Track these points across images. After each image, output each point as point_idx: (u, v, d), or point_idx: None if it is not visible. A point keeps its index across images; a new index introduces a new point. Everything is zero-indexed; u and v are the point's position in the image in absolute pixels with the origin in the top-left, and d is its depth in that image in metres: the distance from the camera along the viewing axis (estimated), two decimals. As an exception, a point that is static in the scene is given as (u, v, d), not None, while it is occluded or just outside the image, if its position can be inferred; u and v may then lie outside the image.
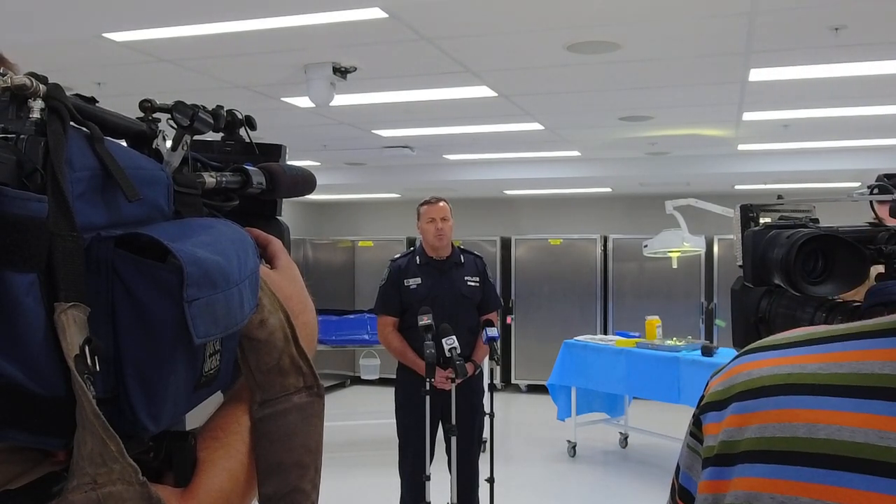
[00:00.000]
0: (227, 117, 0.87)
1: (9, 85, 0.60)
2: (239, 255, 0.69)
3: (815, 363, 0.50)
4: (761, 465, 0.49)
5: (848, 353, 0.49)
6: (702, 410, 0.56)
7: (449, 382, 4.02)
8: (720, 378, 0.56)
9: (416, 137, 7.06)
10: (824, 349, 0.51)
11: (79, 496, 0.56)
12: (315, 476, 0.77)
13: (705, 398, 0.57)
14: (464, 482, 4.20)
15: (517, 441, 7.49)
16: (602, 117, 6.12)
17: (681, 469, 0.58)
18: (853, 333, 0.51)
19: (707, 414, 0.55)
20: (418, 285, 4.24)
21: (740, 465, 0.50)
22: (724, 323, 7.24)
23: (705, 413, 0.55)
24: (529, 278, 10.11)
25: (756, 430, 0.50)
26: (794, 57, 4.32)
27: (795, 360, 0.51)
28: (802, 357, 0.51)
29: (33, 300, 0.54)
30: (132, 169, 0.65)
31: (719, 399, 0.54)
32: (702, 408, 0.56)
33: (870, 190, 1.45)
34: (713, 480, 0.53)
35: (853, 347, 0.49)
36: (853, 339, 0.50)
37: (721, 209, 5.46)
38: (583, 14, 3.65)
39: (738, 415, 0.52)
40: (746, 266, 1.41)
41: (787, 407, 0.49)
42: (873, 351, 0.48)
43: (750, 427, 0.51)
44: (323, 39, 3.99)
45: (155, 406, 0.61)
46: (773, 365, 0.52)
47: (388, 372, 5.33)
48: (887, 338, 0.48)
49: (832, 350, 0.51)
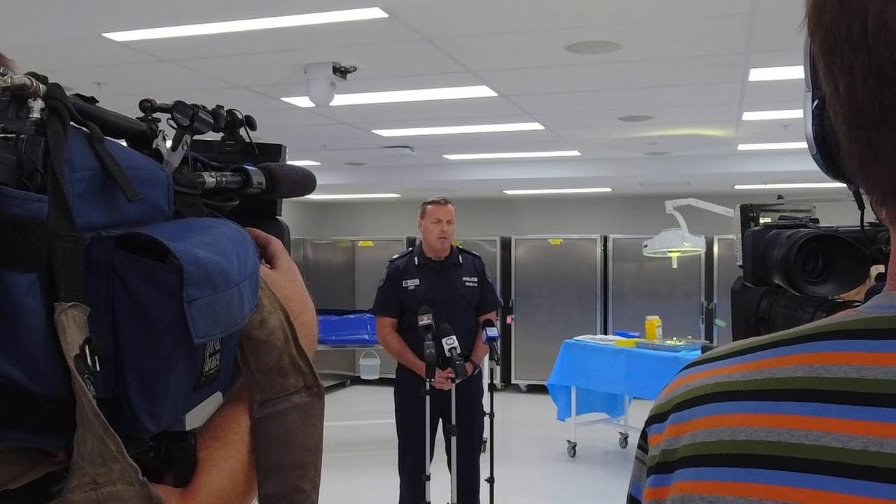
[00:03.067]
0: (227, 117, 0.87)
1: (9, 85, 0.60)
2: (239, 255, 0.69)
3: (739, 372, 0.54)
4: (693, 469, 0.53)
5: (768, 360, 0.53)
6: (647, 423, 0.60)
7: (449, 382, 4.02)
8: (664, 392, 0.60)
9: (416, 137, 7.06)
10: (750, 358, 0.55)
11: (79, 496, 0.56)
12: (315, 476, 0.77)
13: (650, 412, 0.61)
14: (464, 482, 4.20)
15: (517, 441, 7.49)
16: (602, 117, 6.12)
17: (631, 480, 0.63)
18: (776, 342, 0.54)
19: (651, 426, 0.59)
20: (416, 286, 4.25)
21: (678, 470, 0.54)
22: (724, 323, 7.24)
23: (650, 426, 0.60)
24: (529, 278, 10.11)
25: (690, 438, 0.54)
26: (794, 57, 4.30)
27: (724, 371, 0.55)
28: (731, 367, 0.55)
29: (33, 300, 0.54)
30: (132, 169, 0.65)
31: (661, 412, 0.59)
32: (647, 421, 0.60)
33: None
34: (655, 487, 0.56)
35: (773, 355, 0.53)
36: (774, 348, 0.54)
37: (721, 209, 5.47)
38: (583, 14, 3.65)
39: (676, 424, 0.56)
40: (746, 266, 1.41)
41: (714, 413, 0.53)
42: (788, 357, 0.52)
43: (685, 435, 0.55)
44: (323, 39, 3.99)
45: (155, 406, 0.61)
46: (706, 376, 0.56)
47: (388, 372, 5.32)
48: (800, 344, 0.53)
49: (756, 359, 0.54)
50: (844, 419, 0.47)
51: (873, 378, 0.47)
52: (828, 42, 0.49)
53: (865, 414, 0.47)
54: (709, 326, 9.28)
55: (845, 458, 0.46)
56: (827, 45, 0.50)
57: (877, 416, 0.46)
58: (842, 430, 0.47)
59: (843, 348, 0.50)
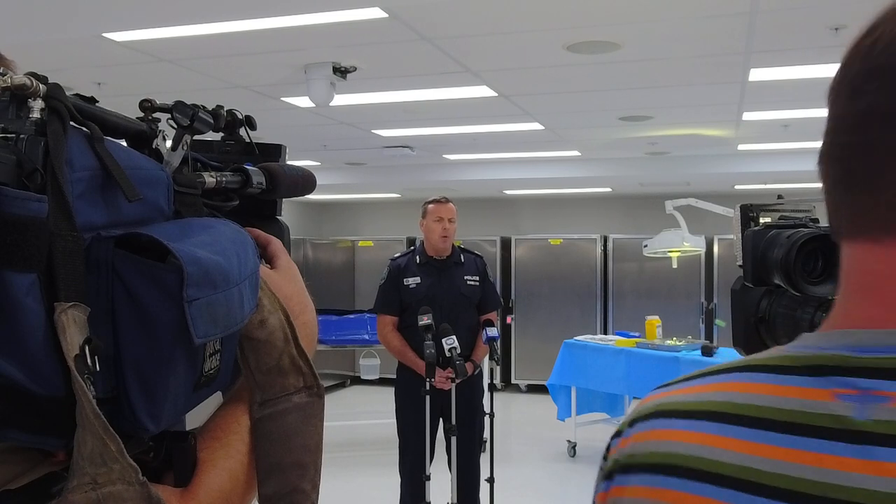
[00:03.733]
0: (227, 117, 0.87)
1: (9, 85, 0.60)
2: (239, 255, 0.69)
3: (680, 395, 0.62)
4: (631, 476, 0.62)
5: (703, 385, 0.62)
6: (613, 436, 0.67)
7: (449, 382, 4.02)
8: (636, 407, 0.68)
9: (416, 137, 7.06)
10: (694, 383, 0.63)
11: (79, 496, 0.56)
12: (315, 476, 0.77)
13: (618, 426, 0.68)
14: (464, 482, 4.20)
15: (517, 441, 7.49)
16: (602, 117, 6.12)
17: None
18: (719, 370, 0.62)
19: (614, 439, 0.66)
20: (418, 284, 4.25)
21: (617, 476, 0.63)
22: (724, 323, 7.24)
23: (613, 438, 0.67)
24: (529, 278, 10.11)
25: (631, 448, 0.63)
26: (794, 57, 4.32)
27: (673, 393, 0.64)
28: (679, 390, 0.63)
29: (33, 300, 0.54)
30: (132, 169, 0.65)
31: (622, 428, 0.66)
32: (613, 435, 0.67)
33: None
34: (602, 492, 0.66)
35: (710, 381, 0.61)
36: (714, 375, 0.62)
37: (721, 209, 5.46)
38: (583, 14, 3.65)
39: (627, 437, 0.64)
40: (746, 266, 1.41)
41: (653, 428, 0.61)
42: (716, 384, 0.60)
43: (629, 446, 0.63)
44: (323, 39, 3.99)
45: (155, 406, 0.61)
46: (659, 397, 0.64)
47: (388, 372, 5.32)
48: (730, 374, 0.60)
49: (696, 384, 0.62)
50: (739, 439, 0.56)
51: (766, 405, 0.56)
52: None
53: (757, 436, 0.55)
54: (709, 326, 9.28)
55: (727, 472, 0.55)
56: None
57: (756, 437, 0.55)
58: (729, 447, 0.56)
59: (754, 379, 0.58)
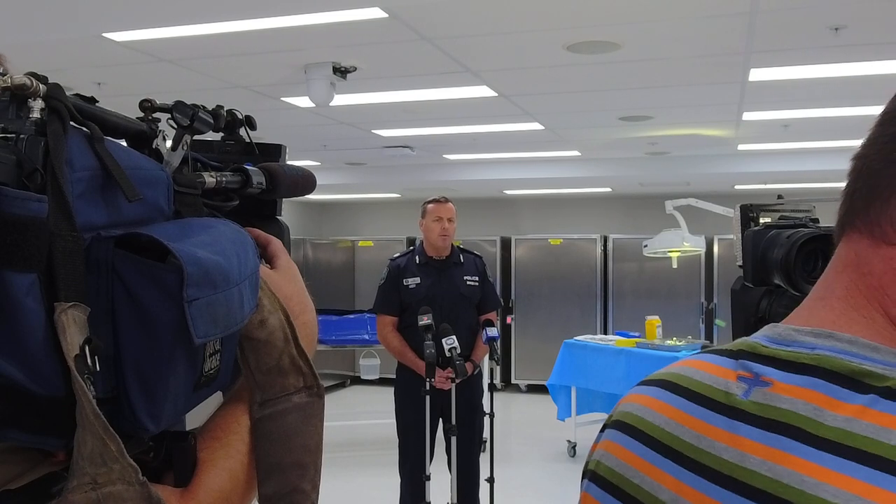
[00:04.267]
0: (227, 117, 0.87)
1: (9, 85, 0.60)
2: (239, 255, 0.69)
3: (665, 368, 0.70)
4: (607, 430, 0.74)
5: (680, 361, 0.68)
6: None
7: (449, 382, 4.02)
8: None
9: (416, 137, 7.06)
10: (680, 358, 0.70)
11: (79, 496, 0.56)
12: (315, 476, 0.77)
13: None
14: (464, 482, 4.20)
15: (517, 441, 7.49)
16: (602, 117, 6.12)
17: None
18: (701, 351, 0.69)
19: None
20: (417, 285, 4.25)
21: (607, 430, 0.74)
22: (724, 323, 7.24)
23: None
24: (529, 278, 10.11)
25: (619, 407, 0.73)
26: (794, 57, 4.32)
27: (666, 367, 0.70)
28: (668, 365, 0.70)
29: (33, 300, 0.54)
30: (132, 169, 0.65)
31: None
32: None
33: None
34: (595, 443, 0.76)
35: (685, 358, 0.68)
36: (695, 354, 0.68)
37: (721, 209, 5.46)
38: (583, 14, 3.65)
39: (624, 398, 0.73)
40: (746, 266, 1.41)
41: (634, 392, 0.70)
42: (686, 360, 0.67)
43: (619, 405, 0.73)
44: (323, 39, 3.99)
45: (155, 406, 0.61)
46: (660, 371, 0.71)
47: (388, 372, 5.32)
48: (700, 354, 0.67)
49: (679, 360, 0.70)
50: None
51: (695, 379, 0.64)
52: None
53: (680, 403, 0.63)
54: (709, 326, 9.28)
55: (652, 432, 0.65)
56: None
57: (679, 404, 0.63)
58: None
59: (703, 358, 0.66)
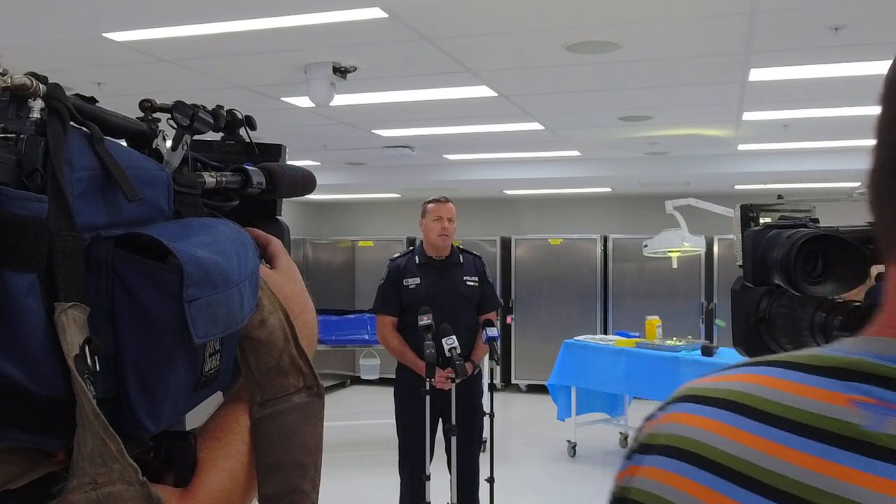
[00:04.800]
0: (227, 117, 0.87)
1: (9, 85, 0.60)
2: (239, 255, 0.69)
3: (711, 382, 0.56)
4: (647, 456, 0.56)
5: (732, 375, 0.56)
6: (644, 419, 0.61)
7: (448, 382, 4.02)
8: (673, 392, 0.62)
9: (416, 137, 7.06)
10: (727, 372, 0.57)
11: (79, 496, 0.56)
12: (315, 476, 0.77)
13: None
14: (464, 482, 4.20)
15: (517, 441, 7.49)
16: (602, 117, 6.12)
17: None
18: (754, 363, 0.56)
19: (645, 422, 0.60)
20: (417, 285, 4.25)
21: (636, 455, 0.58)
22: (724, 323, 7.24)
23: (645, 421, 0.60)
24: (529, 278, 10.10)
25: (655, 429, 0.57)
26: (794, 57, 4.32)
27: (707, 380, 0.57)
28: (712, 377, 0.57)
29: (33, 300, 0.54)
30: (132, 169, 0.65)
31: (654, 412, 0.60)
32: (645, 418, 0.61)
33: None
34: (620, 471, 0.59)
35: (738, 372, 0.56)
36: (746, 367, 0.56)
37: (721, 209, 5.46)
38: (583, 14, 3.65)
39: (655, 419, 0.58)
40: (746, 266, 1.41)
41: (678, 412, 0.56)
42: (742, 375, 0.55)
43: (654, 427, 0.58)
44: (323, 39, 3.99)
45: (155, 406, 0.61)
46: (694, 383, 0.58)
47: (388, 372, 5.32)
48: (759, 367, 0.55)
49: (728, 373, 0.57)
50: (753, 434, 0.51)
51: (779, 402, 0.51)
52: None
53: (765, 431, 0.50)
54: (709, 326, 9.28)
55: (730, 464, 0.50)
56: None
57: (763, 432, 0.50)
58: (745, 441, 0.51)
59: (776, 374, 0.53)
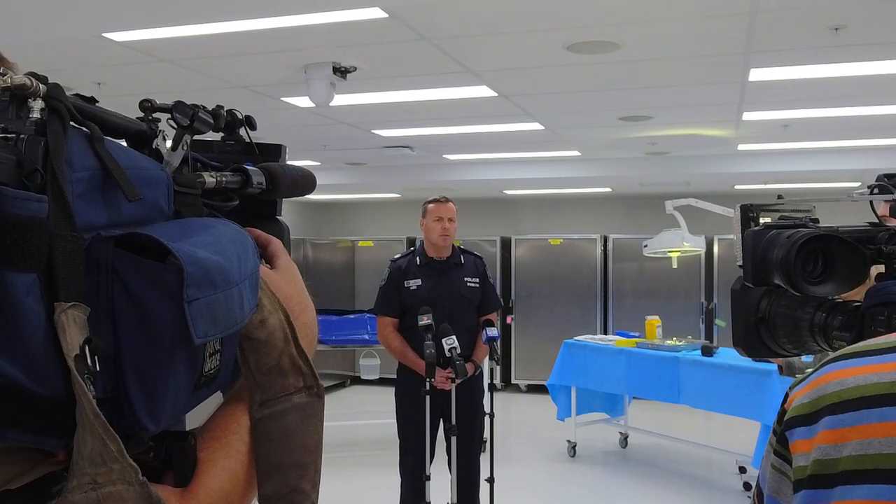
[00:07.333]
0: (227, 117, 0.87)
1: (9, 85, 0.60)
2: (239, 255, 0.69)
3: (861, 345, 0.45)
4: (866, 487, 0.43)
5: (885, 337, 0.44)
6: (786, 426, 0.48)
7: (449, 382, 4.02)
8: (805, 389, 0.49)
9: (416, 137, 7.06)
10: (870, 341, 0.46)
11: (79, 496, 0.56)
12: (315, 476, 0.77)
13: (788, 412, 0.49)
14: (464, 482, 4.20)
15: (517, 441, 7.49)
16: (602, 117, 6.12)
17: (765, 493, 0.51)
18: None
19: (794, 430, 0.48)
20: (418, 286, 4.25)
21: (841, 486, 0.44)
22: (724, 323, 7.24)
23: (792, 429, 0.48)
24: (529, 278, 10.11)
25: (858, 447, 0.44)
26: (794, 57, 4.32)
27: (851, 349, 0.46)
28: (856, 347, 0.46)
29: (33, 300, 0.54)
30: (132, 169, 0.65)
31: (807, 412, 0.47)
32: (786, 423, 0.49)
33: (870, 190, 1.44)
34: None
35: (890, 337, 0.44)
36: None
37: (721, 209, 5.47)
38: (583, 14, 3.65)
39: (834, 430, 0.45)
40: (746, 266, 1.41)
41: (889, 420, 0.43)
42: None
43: (850, 443, 0.44)
44: (323, 39, 3.99)
45: (155, 406, 0.61)
46: (871, 372, 0.45)
47: (388, 372, 5.33)
48: None
49: (873, 341, 0.45)
50: None
51: None
52: None
53: None
54: (709, 326, 9.28)
55: None
56: None
57: None
58: None
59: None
